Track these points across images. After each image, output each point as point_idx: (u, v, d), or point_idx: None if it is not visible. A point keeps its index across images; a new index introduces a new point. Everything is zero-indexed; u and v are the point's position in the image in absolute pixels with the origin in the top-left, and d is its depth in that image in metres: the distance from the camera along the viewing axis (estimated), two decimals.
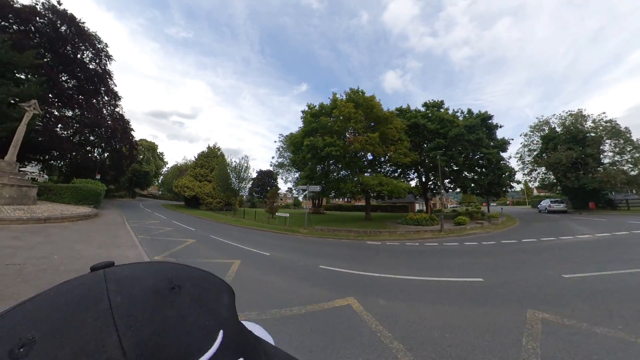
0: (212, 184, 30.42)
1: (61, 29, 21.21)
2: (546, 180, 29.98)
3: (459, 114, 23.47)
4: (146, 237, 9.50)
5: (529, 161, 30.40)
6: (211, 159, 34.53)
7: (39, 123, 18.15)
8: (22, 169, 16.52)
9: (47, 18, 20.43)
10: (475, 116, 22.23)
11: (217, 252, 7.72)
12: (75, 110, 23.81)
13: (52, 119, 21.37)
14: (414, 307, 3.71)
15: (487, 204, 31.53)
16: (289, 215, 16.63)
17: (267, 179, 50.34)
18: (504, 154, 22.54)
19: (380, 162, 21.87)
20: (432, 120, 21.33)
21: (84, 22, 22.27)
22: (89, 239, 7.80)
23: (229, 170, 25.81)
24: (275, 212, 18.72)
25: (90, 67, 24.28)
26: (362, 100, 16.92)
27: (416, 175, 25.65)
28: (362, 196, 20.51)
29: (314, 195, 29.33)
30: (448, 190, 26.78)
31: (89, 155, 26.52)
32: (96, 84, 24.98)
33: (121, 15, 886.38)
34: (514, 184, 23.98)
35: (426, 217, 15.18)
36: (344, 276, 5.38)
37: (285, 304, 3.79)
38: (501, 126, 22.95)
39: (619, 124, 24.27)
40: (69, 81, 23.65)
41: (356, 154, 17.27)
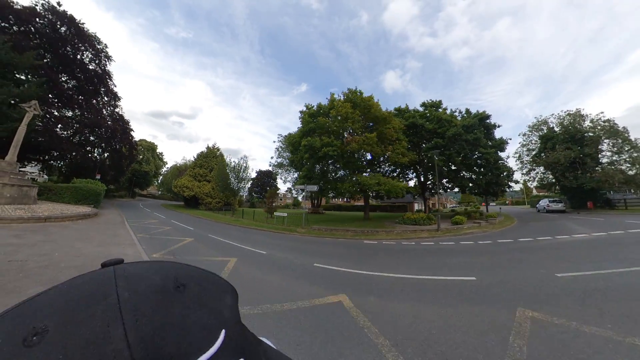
0: (211, 184, 30.53)
1: (61, 30, 21.31)
2: (545, 179, 30.04)
3: (457, 113, 23.55)
4: (145, 236, 9.60)
5: (527, 161, 30.46)
6: (210, 159, 34.63)
7: (39, 123, 18.25)
8: (22, 169, 16.60)
9: (47, 19, 20.53)
10: (473, 116, 22.27)
11: (214, 251, 7.80)
12: (75, 110, 23.91)
13: (52, 119, 21.49)
14: (403, 304, 3.74)
15: (485, 204, 31.57)
16: (286, 214, 16.72)
17: (266, 179, 50.41)
18: (502, 153, 22.74)
19: (379, 162, 21.92)
20: (430, 120, 21.40)
21: (83, 23, 22.39)
22: (89, 237, 7.89)
23: (228, 171, 25.93)
24: (273, 212, 18.81)
25: (90, 67, 24.40)
26: (360, 100, 16.99)
27: (415, 175, 25.74)
28: (360, 196, 20.58)
29: (312, 195, 29.43)
30: (447, 190, 26.88)
31: (89, 156, 26.64)
32: (96, 84, 25.09)
33: (121, 15, 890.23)
34: (512, 183, 24.12)
35: (423, 216, 15.26)
36: (338, 274, 5.45)
37: (277, 299, 3.87)
38: (499, 126, 23.04)
39: (617, 124, 24.32)
40: (68, 81, 23.74)
41: (354, 154, 17.34)
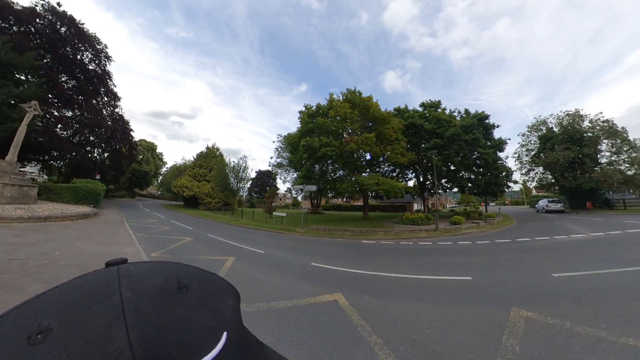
0: (211, 184, 30.58)
1: (61, 30, 21.36)
2: (544, 180, 30.06)
3: (456, 113, 23.61)
4: (144, 235, 9.66)
5: (526, 161, 30.50)
6: (210, 159, 34.70)
7: (39, 123, 18.30)
8: (22, 169, 16.66)
9: (47, 19, 20.59)
10: (472, 116, 22.31)
11: (212, 250, 7.85)
12: (75, 110, 23.97)
13: (52, 119, 21.55)
14: (398, 304, 3.75)
15: (485, 204, 31.62)
16: (285, 214, 16.78)
17: (266, 179, 50.46)
18: (501, 153, 22.76)
19: (379, 162, 21.98)
20: (429, 120, 21.44)
21: (83, 24, 22.45)
22: (89, 236, 7.95)
23: (227, 171, 25.98)
24: (272, 212, 18.86)
25: (90, 67, 24.46)
26: (359, 100, 17.04)
27: (414, 175, 25.79)
28: (360, 196, 20.63)
29: (312, 195, 29.48)
30: (446, 190, 26.92)
31: (89, 156, 26.71)
32: (96, 84, 25.15)
33: (120, 15, 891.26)
34: (511, 183, 24.15)
35: (422, 216, 15.31)
36: (334, 273, 5.49)
37: (273, 297, 3.92)
38: (498, 126, 23.08)
39: (615, 124, 24.34)
40: (68, 82, 23.79)
41: (353, 154, 17.38)
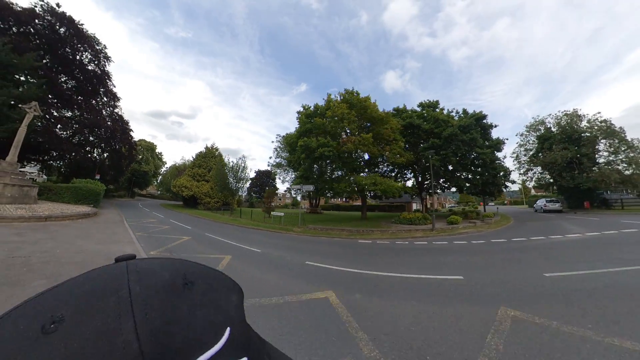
0: (210, 184, 30.69)
1: (60, 31, 21.44)
2: (542, 179, 30.17)
3: (454, 113, 23.65)
4: (143, 234, 9.78)
5: (525, 161, 30.60)
6: (209, 159, 34.79)
7: (38, 124, 18.41)
8: (22, 169, 16.77)
9: (46, 20, 20.67)
10: (469, 116, 22.36)
11: (210, 248, 7.97)
12: (75, 111, 24.04)
13: (51, 119, 21.65)
14: (387, 302, 3.82)
15: (483, 204, 31.72)
16: (283, 214, 16.90)
17: (265, 179, 50.55)
18: (499, 153, 22.81)
19: (377, 162, 22.08)
20: (428, 120, 21.51)
21: (82, 24, 22.51)
22: (89, 235, 8.08)
23: (226, 170, 26.06)
24: (270, 212, 18.98)
25: (89, 68, 24.53)
26: (356, 101, 17.13)
27: (413, 175, 25.88)
28: (358, 196, 20.73)
29: (311, 195, 29.56)
30: (444, 190, 27.01)
31: (89, 156, 26.76)
32: (95, 85, 25.22)
33: (120, 15, 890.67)
34: (509, 183, 24.21)
35: (419, 216, 15.40)
36: (328, 272, 5.60)
37: (265, 294, 4.03)
38: (496, 126, 23.13)
39: (613, 124, 24.43)
40: (68, 82, 23.87)
41: (350, 154, 17.48)
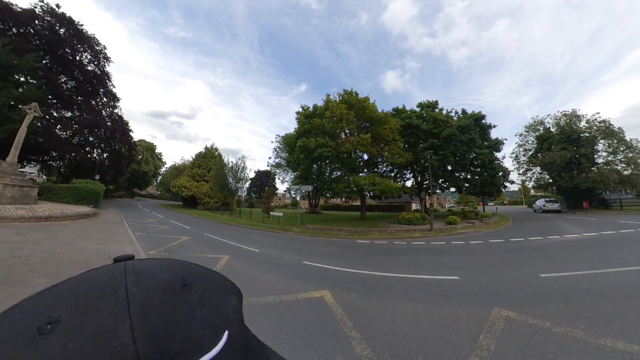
0: (210, 184, 30.75)
1: (60, 32, 21.47)
2: (541, 180, 30.18)
3: (453, 114, 23.73)
4: (143, 234, 9.83)
5: (524, 161, 30.62)
6: (208, 159, 34.84)
7: (38, 124, 18.45)
8: (21, 170, 16.82)
9: (46, 21, 20.71)
10: (468, 116, 22.43)
11: (209, 248, 8.02)
12: (75, 111, 24.05)
13: (51, 120, 21.68)
14: (383, 301, 3.85)
15: (482, 204, 31.80)
16: (282, 214, 16.95)
17: (265, 179, 50.63)
18: (498, 153, 22.89)
19: (376, 162, 22.13)
20: (427, 121, 21.59)
21: (82, 25, 22.55)
22: (89, 235, 8.13)
23: (225, 171, 26.11)
24: (270, 212, 19.03)
25: (89, 68, 24.56)
26: (355, 101, 17.18)
27: (412, 175, 25.93)
28: (357, 196, 20.79)
29: (310, 195, 29.62)
30: (443, 190, 27.06)
31: (88, 156, 26.79)
32: (95, 85, 25.25)
33: (120, 15, 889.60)
34: (508, 183, 24.27)
35: (418, 216, 15.44)
36: (325, 271, 5.66)
37: (262, 293, 4.09)
38: (494, 126, 23.22)
39: (612, 124, 24.43)
40: (67, 82, 23.89)
41: (349, 154, 17.53)
